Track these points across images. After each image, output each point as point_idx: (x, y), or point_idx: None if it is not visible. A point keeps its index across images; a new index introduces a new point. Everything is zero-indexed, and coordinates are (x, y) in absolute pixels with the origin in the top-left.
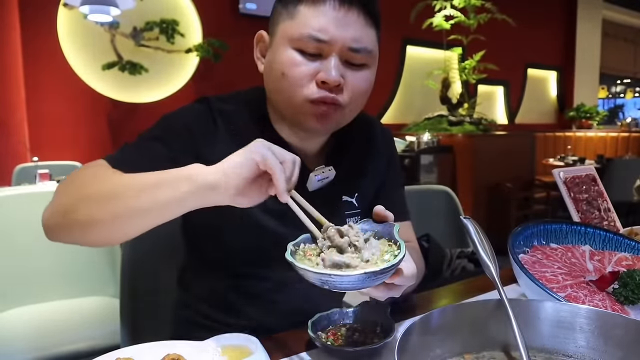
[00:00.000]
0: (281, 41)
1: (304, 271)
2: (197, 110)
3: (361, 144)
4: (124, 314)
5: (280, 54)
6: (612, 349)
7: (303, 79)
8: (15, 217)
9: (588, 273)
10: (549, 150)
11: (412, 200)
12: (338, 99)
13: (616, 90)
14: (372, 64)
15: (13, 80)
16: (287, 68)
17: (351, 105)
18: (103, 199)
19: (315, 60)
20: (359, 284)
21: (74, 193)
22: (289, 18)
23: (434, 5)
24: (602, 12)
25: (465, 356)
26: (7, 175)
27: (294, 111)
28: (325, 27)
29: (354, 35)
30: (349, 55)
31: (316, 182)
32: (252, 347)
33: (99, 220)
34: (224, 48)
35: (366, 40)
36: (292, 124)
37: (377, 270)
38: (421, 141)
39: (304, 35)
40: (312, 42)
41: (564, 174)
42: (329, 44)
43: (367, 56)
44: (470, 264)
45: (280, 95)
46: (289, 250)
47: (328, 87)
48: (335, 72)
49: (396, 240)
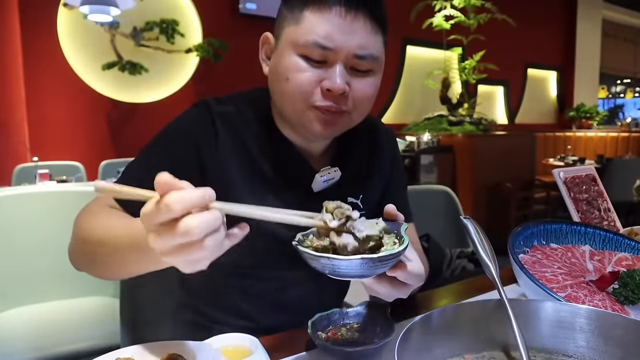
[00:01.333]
0: (286, 46)
1: (306, 255)
2: (196, 116)
3: (366, 144)
4: (124, 314)
5: (285, 58)
6: (612, 349)
7: (308, 86)
8: (15, 217)
9: (588, 273)
10: (549, 150)
11: (412, 200)
12: (342, 107)
13: (616, 90)
14: (378, 69)
15: (13, 80)
16: (292, 73)
17: (357, 111)
18: (92, 254)
19: (320, 67)
20: (357, 270)
21: (74, 239)
22: (294, 23)
23: (434, 5)
24: (602, 12)
25: (465, 356)
26: (7, 175)
27: (298, 116)
28: (331, 35)
29: (360, 43)
30: (355, 62)
31: (322, 183)
32: (252, 347)
33: (99, 269)
34: (224, 48)
35: (372, 47)
36: (296, 127)
37: (374, 257)
38: (421, 141)
39: (309, 42)
40: (318, 50)
41: (564, 174)
42: (334, 51)
43: (373, 63)
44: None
45: (285, 100)
46: (297, 238)
47: (333, 95)
48: (340, 80)
49: (401, 236)
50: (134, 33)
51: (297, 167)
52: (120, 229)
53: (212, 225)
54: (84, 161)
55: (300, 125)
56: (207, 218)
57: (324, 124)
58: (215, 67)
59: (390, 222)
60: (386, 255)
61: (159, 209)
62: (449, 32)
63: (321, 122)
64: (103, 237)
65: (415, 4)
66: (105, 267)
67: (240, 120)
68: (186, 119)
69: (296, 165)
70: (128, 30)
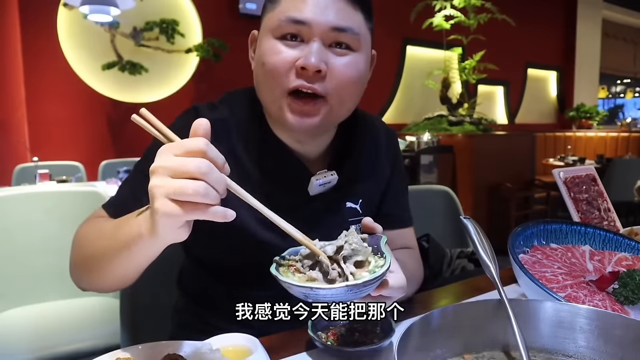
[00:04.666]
0: (264, 33)
1: (287, 285)
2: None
3: (365, 147)
4: (124, 314)
5: (263, 44)
6: (612, 349)
7: (282, 66)
8: (15, 217)
9: (588, 273)
10: (549, 150)
11: (412, 200)
12: (317, 87)
13: (616, 90)
14: (360, 49)
15: (13, 80)
16: (268, 57)
17: (337, 97)
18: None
19: (296, 46)
20: (341, 297)
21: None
22: (272, 9)
23: (434, 5)
24: (602, 12)
25: (465, 356)
26: (7, 175)
27: (274, 106)
28: (304, 8)
29: (337, 15)
30: (333, 36)
31: (317, 187)
32: (252, 347)
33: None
34: (224, 48)
35: (351, 21)
36: (276, 122)
37: (359, 284)
38: (421, 141)
39: (282, 20)
40: (291, 26)
41: (564, 174)
42: (308, 25)
43: (353, 38)
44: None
45: (262, 89)
46: (275, 263)
47: (307, 73)
48: (315, 57)
49: (382, 252)
50: (134, 33)
51: (293, 170)
52: (109, 230)
53: (219, 178)
54: (84, 161)
55: (277, 117)
56: (215, 171)
57: (299, 113)
58: (215, 67)
59: (369, 235)
60: (370, 280)
61: (182, 143)
62: (449, 32)
63: (295, 112)
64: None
65: (415, 4)
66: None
67: (232, 123)
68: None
69: (291, 168)
70: (128, 30)
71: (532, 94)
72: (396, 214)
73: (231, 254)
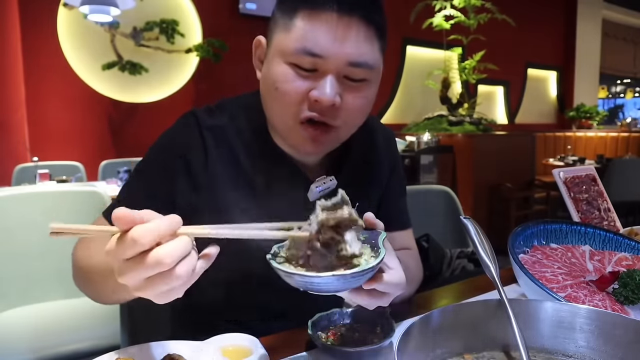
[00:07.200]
0: (275, 53)
1: (279, 272)
2: (182, 130)
3: (363, 151)
4: (123, 314)
5: (274, 67)
6: (612, 349)
7: (295, 96)
8: (15, 217)
9: (588, 273)
10: (549, 150)
11: (412, 200)
12: (329, 119)
13: (616, 90)
14: (373, 80)
15: (13, 80)
16: (280, 84)
17: (346, 126)
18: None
19: (310, 76)
20: (332, 286)
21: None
22: (285, 30)
23: (434, 5)
24: (602, 12)
25: (465, 356)
26: (7, 175)
27: (286, 131)
28: (322, 41)
29: (354, 50)
30: (348, 71)
31: (317, 193)
32: (252, 347)
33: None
34: (224, 48)
35: (367, 55)
36: (282, 138)
37: (347, 274)
38: (421, 141)
39: (298, 49)
40: (307, 57)
41: (564, 174)
42: (324, 59)
43: (368, 72)
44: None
45: (274, 113)
46: (272, 251)
47: (320, 106)
48: (330, 90)
49: (378, 247)
50: (134, 33)
51: (292, 178)
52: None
53: (182, 252)
54: (84, 161)
55: (290, 144)
56: (177, 245)
57: (313, 141)
58: (215, 67)
59: (369, 230)
60: (359, 271)
61: (125, 243)
62: (449, 32)
63: (310, 141)
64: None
65: (415, 4)
66: (98, 293)
67: (231, 130)
68: (170, 138)
69: (290, 175)
70: (128, 30)
71: (532, 94)
72: (395, 216)
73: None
